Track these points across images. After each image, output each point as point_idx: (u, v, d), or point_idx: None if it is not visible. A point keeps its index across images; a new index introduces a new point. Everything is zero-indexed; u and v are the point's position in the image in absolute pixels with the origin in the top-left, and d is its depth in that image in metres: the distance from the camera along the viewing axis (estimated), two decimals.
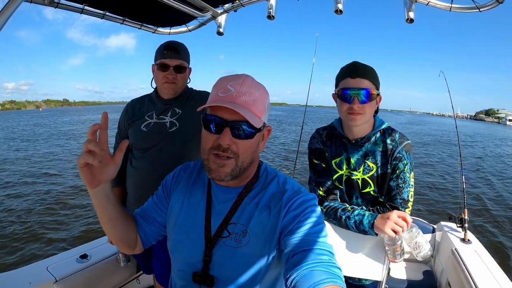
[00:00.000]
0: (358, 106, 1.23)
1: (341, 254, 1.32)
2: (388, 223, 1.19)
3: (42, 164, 10.92)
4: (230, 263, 0.83)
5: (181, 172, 1.00)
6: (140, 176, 1.52)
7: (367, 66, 1.27)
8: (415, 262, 2.34)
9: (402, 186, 1.29)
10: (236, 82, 0.79)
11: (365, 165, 1.34)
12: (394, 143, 1.31)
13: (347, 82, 1.25)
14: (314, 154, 1.43)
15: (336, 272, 0.68)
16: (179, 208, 0.92)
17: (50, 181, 8.39)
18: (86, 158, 0.70)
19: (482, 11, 1.39)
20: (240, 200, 0.87)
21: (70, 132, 23.22)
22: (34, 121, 39.77)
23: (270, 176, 0.91)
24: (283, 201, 0.83)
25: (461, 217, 2.11)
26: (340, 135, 1.38)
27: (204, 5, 1.70)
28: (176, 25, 1.99)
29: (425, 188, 8.29)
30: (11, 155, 12.99)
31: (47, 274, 1.55)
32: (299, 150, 2.71)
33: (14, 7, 0.99)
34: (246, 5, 1.72)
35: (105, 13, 1.73)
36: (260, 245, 0.82)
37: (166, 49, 1.46)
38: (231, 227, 0.85)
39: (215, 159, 0.79)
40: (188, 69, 1.54)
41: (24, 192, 7.42)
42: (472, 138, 27.17)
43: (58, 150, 14.17)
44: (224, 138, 0.76)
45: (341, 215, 1.30)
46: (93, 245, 1.88)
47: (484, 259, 1.85)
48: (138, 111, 1.56)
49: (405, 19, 1.48)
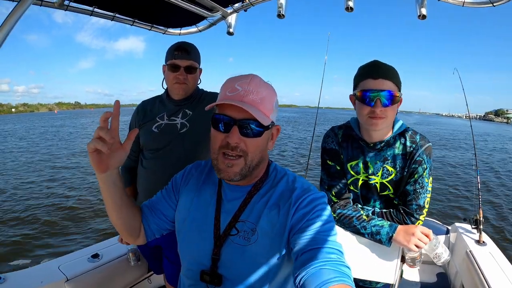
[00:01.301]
0: (381, 110, 1.13)
1: (352, 256, 1.29)
2: (413, 240, 1.17)
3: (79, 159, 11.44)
4: (238, 261, 0.83)
5: (192, 170, 1.01)
6: (151, 176, 1.53)
7: (389, 66, 1.17)
8: (429, 264, 2.29)
9: (419, 192, 1.22)
10: (243, 81, 0.81)
11: (384, 169, 1.27)
12: (415, 145, 1.23)
13: (368, 83, 1.15)
14: (329, 154, 1.34)
15: (345, 271, 0.67)
16: (188, 206, 0.93)
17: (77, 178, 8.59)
18: (96, 144, 0.72)
19: (496, 6, 1.34)
20: (249, 198, 0.87)
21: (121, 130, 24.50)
22: (54, 122, 41.10)
23: (279, 174, 0.91)
24: (292, 199, 0.83)
25: (476, 218, 2.05)
26: (357, 137, 1.29)
27: (214, 5, 1.70)
28: (186, 25, 1.99)
29: (439, 188, 8.14)
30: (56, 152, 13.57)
31: (58, 273, 1.57)
32: (310, 154, 2.67)
33: (23, 10, 1.00)
34: (255, 4, 1.71)
35: (115, 15, 1.74)
36: (269, 243, 0.82)
37: (176, 49, 1.47)
38: (240, 225, 0.85)
39: (224, 159, 0.80)
40: (198, 69, 1.55)
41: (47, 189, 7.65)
42: (482, 138, 26.95)
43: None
44: (232, 137, 0.77)
45: (356, 224, 1.26)
46: (105, 244, 1.90)
47: (499, 262, 1.80)
48: (149, 112, 1.57)
49: (417, 15, 1.44)
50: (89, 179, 8.55)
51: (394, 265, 1.28)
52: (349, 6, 1.46)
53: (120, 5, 1.68)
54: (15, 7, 0.99)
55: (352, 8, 1.45)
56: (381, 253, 1.29)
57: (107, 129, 0.73)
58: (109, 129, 0.74)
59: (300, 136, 21.46)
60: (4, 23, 0.98)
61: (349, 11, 1.47)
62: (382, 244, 1.23)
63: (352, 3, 1.45)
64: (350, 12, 1.47)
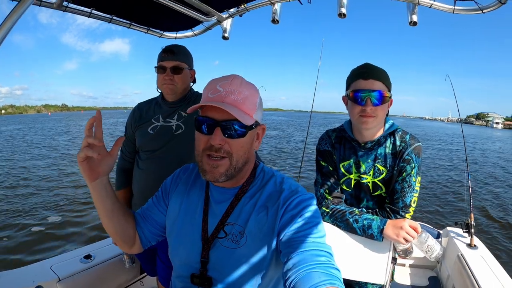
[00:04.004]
0: (371, 109, 1.20)
1: (342, 257, 1.30)
2: (401, 233, 1.20)
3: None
4: (227, 264, 0.82)
5: (180, 173, 1.01)
6: (146, 178, 1.54)
7: (379, 68, 1.24)
8: (421, 267, 2.31)
9: (406, 190, 1.26)
10: (224, 82, 0.80)
11: (375, 168, 1.31)
12: (404, 144, 1.28)
13: (359, 84, 1.22)
14: (322, 156, 1.40)
15: (334, 273, 0.67)
16: (177, 210, 0.93)
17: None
18: (86, 151, 0.75)
19: (485, 13, 1.39)
20: (237, 201, 0.87)
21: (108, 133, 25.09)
22: (59, 123, 42.08)
23: (267, 176, 0.91)
24: (280, 201, 0.83)
25: (467, 222, 2.08)
26: (350, 138, 1.35)
27: (210, 10, 1.73)
28: (182, 29, 2.02)
29: (429, 192, 8.19)
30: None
31: (50, 273, 1.56)
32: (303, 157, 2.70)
33: (22, 10, 1.02)
34: (251, 10, 1.74)
35: (113, 17, 1.76)
36: (257, 245, 0.81)
37: (164, 52, 1.51)
38: (228, 227, 0.84)
39: (209, 161, 0.80)
40: (188, 70, 1.56)
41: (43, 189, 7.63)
42: (467, 140, 28.50)
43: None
44: (215, 138, 0.77)
45: (349, 218, 1.28)
46: (98, 246, 1.90)
47: (490, 265, 1.82)
48: (145, 114, 1.59)
49: (408, 21, 1.48)
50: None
51: (384, 265, 1.29)
52: (342, 13, 1.49)
53: (117, 8, 1.70)
54: (15, 7, 1.01)
55: (345, 14, 1.49)
56: (371, 253, 1.30)
57: (92, 136, 0.77)
58: (94, 136, 0.78)
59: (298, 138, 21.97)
60: (4, 23, 1.00)
61: (342, 18, 1.50)
62: (374, 239, 1.25)
63: (345, 9, 1.49)
64: (343, 18, 1.50)
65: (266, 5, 1.69)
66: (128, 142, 1.63)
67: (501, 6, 1.29)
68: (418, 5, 1.45)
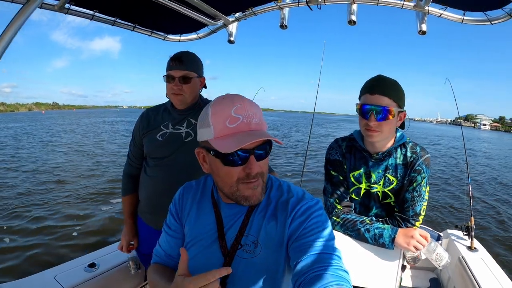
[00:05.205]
0: (374, 124, 1.21)
1: (353, 264, 1.31)
2: (412, 242, 1.22)
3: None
4: (244, 275, 0.83)
5: (184, 194, 0.99)
6: (154, 185, 1.51)
7: (389, 82, 1.23)
8: (422, 270, 2.35)
9: (416, 199, 1.29)
10: (238, 107, 0.75)
11: (385, 178, 1.33)
12: (415, 156, 1.30)
13: (366, 98, 1.23)
14: (332, 165, 1.41)
15: (343, 275, 0.68)
16: (190, 229, 0.92)
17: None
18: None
19: (494, 24, 1.41)
20: (250, 212, 0.86)
21: (115, 131, 25.92)
22: (62, 121, 41.37)
23: (275, 184, 0.91)
24: (288, 209, 0.83)
25: (468, 225, 2.12)
26: (360, 147, 1.36)
27: (216, 13, 1.70)
28: (186, 32, 1.99)
29: (429, 194, 8.25)
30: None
31: (55, 283, 1.53)
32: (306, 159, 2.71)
33: (28, 13, 0.98)
34: (258, 14, 1.72)
35: (116, 20, 1.72)
36: (271, 254, 0.82)
37: (172, 60, 1.46)
38: (242, 239, 0.84)
39: (247, 186, 0.78)
40: (197, 79, 1.51)
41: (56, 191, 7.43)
42: (455, 141, 28.66)
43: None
44: (253, 168, 0.76)
45: (360, 227, 1.29)
46: (101, 253, 1.86)
47: (491, 267, 1.86)
48: (153, 120, 1.55)
49: (418, 31, 1.49)
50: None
51: (394, 273, 1.30)
52: (352, 20, 1.50)
53: (121, 10, 1.66)
54: (20, 10, 0.97)
55: (355, 21, 1.49)
56: (381, 261, 1.32)
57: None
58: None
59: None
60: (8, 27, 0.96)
61: (352, 25, 1.51)
62: (385, 248, 1.27)
63: (355, 17, 1.49)
64: (353, 25, 1.50)
65: (274, 10, 1.67)
66: (135, 148, 1.60)
67: (509, 18, 1.30)
68: (428, 14, 1.45)
